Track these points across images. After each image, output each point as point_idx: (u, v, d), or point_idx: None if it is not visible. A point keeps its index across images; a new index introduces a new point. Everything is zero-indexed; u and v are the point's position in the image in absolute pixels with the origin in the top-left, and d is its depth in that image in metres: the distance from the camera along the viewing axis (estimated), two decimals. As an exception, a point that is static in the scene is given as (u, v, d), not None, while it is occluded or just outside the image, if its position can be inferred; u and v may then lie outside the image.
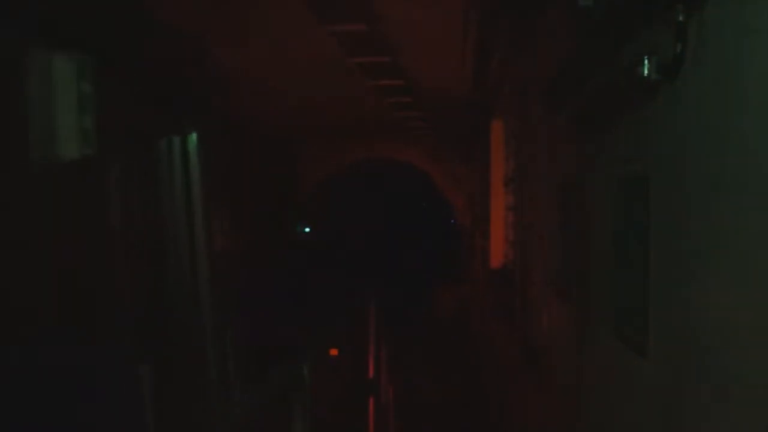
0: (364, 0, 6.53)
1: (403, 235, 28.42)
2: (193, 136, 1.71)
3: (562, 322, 4.35)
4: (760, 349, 1.57)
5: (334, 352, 12.88)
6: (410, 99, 11.71)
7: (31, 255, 1.31)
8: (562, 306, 4.31)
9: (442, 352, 13.15)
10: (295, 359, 1.71)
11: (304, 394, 1.75)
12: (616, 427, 2.87)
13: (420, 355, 12.66)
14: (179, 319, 1.71)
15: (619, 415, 2.82)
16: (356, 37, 7.60)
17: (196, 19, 7.02)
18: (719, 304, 1.82)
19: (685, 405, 2.05)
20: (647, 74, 2.16)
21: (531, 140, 5.97)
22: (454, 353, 12.98)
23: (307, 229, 21.61)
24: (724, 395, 1.77)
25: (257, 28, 7.70)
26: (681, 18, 2.01)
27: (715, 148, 1.86)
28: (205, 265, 1.65)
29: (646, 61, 2.16)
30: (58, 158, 1.47)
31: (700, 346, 1.94)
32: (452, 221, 20.85)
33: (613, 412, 2.91)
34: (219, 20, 7.35)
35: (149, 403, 1.72)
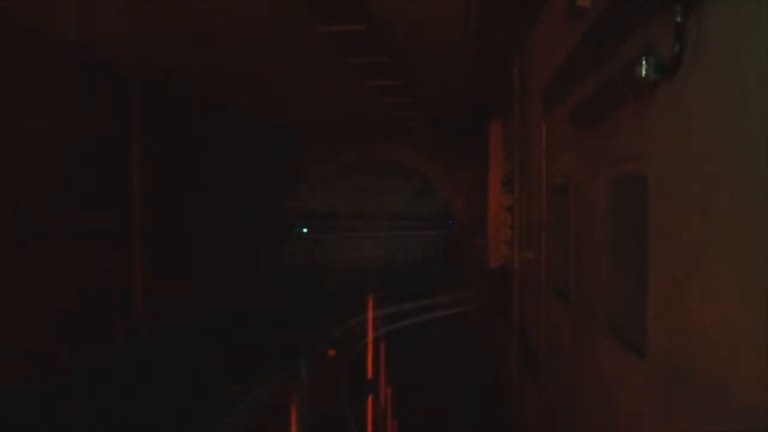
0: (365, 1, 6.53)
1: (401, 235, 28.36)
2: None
3: (560, 322, 4.35)
4: (758, 350, 1.57)
5: (332, 352, 12.95)
6: (410, 99, 11.70)
7: None
8: (560, 305, 4.31)
9: (442, 351, 13.16)
10: (293, 359, 1.71)
11: (303, 394, 1.75)
12: (614, 426, 2.87)
13: (419, 354, 12.67)
14: None
15: (618, 413, 2.82)
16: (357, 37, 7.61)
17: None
18: (719, 304, 1.82)
19: (683, 405, 2.05)
20: (645, 74, 2.16)
21: (529, 141, 5.97)
22: (453, 352, 13.00)
23: (305, 230, 21.58)
24: (723, 395, 1.77)
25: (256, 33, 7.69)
26: (679, 18, 2.01)
27: (714, 147, 1.86)
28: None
29: (644, 61, 2.16)
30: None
31: (700, 346, 1.94)
32: (450, 221, 20.83)
33: (612, 410, 2.91)
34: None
35: None
